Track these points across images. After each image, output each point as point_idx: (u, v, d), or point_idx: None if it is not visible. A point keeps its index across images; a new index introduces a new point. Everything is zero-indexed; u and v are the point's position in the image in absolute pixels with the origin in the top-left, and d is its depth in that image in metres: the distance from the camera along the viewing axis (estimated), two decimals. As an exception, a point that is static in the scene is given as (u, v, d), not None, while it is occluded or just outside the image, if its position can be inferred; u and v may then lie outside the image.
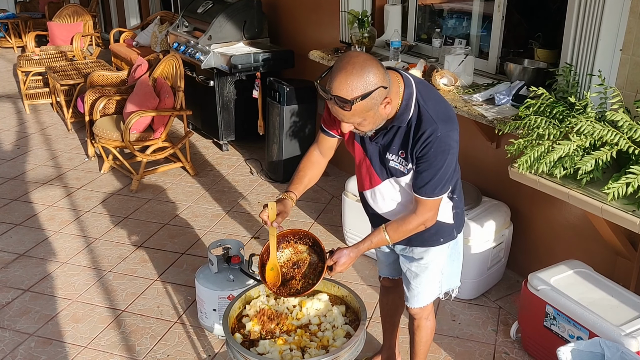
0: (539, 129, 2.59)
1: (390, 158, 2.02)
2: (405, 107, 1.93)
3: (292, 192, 2.14)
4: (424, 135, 1.91)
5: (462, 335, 3.09)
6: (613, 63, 2.73)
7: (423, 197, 2.00)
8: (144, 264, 3.73)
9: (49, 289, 3.48)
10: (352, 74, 1.75)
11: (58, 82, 5.92)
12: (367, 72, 1.76)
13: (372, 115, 1.85)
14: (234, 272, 2.94)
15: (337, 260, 2.02)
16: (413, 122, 1.93)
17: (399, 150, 2.00)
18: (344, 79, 1.76)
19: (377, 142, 2.04)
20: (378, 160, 2.07)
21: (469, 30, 3.93)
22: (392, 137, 2.00)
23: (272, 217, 2.01)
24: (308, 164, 2.23)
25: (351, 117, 1.83)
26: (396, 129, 1.98)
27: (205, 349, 3.00)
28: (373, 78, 1.77)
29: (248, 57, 4.92)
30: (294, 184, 2.18)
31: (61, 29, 7.73)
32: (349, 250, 2.04)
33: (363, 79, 1.76)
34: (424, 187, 1.98)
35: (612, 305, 2.60)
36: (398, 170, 2.02)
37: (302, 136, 4.73)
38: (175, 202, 4.55)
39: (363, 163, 2.14)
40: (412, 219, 2.04)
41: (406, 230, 2.05)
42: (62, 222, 4.24)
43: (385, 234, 2.05)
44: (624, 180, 2.26)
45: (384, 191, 2.13)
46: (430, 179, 1.96)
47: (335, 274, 2.04)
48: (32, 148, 5.62)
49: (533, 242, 3.42)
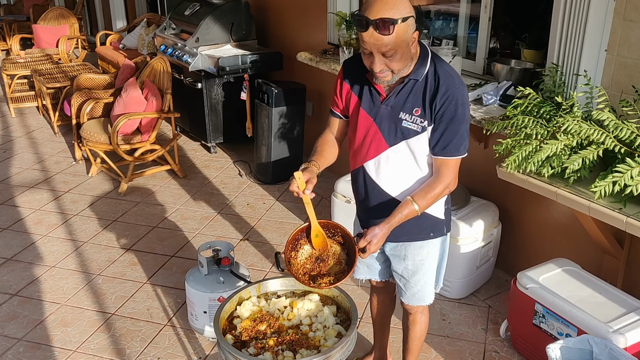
0: (527, 128, 2.61)
1: (404, 117, 2.03)
2: (422, 61, 2.00)
3: (314, 162, 2.12)
4: (442, 88, 1.96)
5: (452, 334, 3.10)
6: (598, 63, 2.76)
7: (448, 156, 2.02)
8: (133, 267, 3.71)
9: (37, 293, 3.45)
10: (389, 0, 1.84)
11: (44, 85, 5.88)
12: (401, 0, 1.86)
13: (404, 48, 1.89)
14: (224, 274, 2.93)
15: (370, 240, 2.01)
16: (430, 77, 1.99)
17: (413, 109, 2.01)
18: (383, 4, 1.83)
19: (388, 103, 2.05)
20: (388, 123, 2.06)
21: (456, 32, 3.95)
22: (407, 95, 2.02)
23: (301, 185, 1.99)
24: (324, 142, 2.24)
25: (389, 43, 1.85)
26: (412, 85, 2.01)
27: (196, 352, 2.99)
28: (407, 5, 1.87)
29: (236, 59, 4.91)
30: (315, 156, 2.16)
31: (46, 31, 7.67)
32: (380, 227, 2.02)
33: (401, 3, 1.84)
34: (449, 145, 2.00)
35: (600, 303, 2.63)
36: (411, 130, 2.03)
37: (291, 138, 4.73)
38: (164, 204, 4.53)
39: (369, 131, 2.11)
40: (437, 183, 2.04)
41: (433, 196, 2.05)
42: (50, 226, 4.21)
43: (413, 203, 2.04)
44: (611, 178, 2.28)
45: (391, 157, 2.10)
46: (454, 136, 1.99)
47: (368, 255, 2.02)
48: (17, 152, 5.57)
49: (521, 241, 3.45)
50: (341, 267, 2.09)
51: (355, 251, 2.02)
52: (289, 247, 2.09)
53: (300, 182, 1.99)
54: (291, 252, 2.10)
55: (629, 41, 2.65)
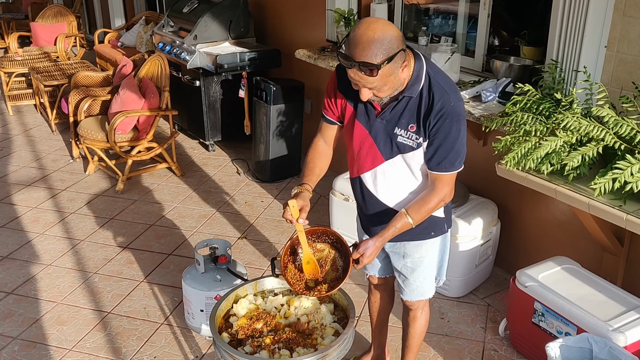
0: (526, 125, 2.59)
1: (399, 133, 2.00)
2: (416, 77, 1.93)
3: (306, 184, 2.12)
4: (437, 106, 1.91)
5: (451, 333, 3.08)
6: (598, 60, 2.74)
7: (442, 172, 1.99)
8: (130, 266, 3.68)
9: (33, 292, 3.42)
10: (374, 38, 1.75)
11: (42, 82, 5.85)
12: (388, 35, 1.77)
13: (392, 80, 1.85)
14: (221, 272, 2.91)
15: (363, 252, 2.00)
16: (425, 93, 1.94)
17: (408, 125, 1.98)
18: (366, 45, 1.75)
19: (384, 118, 2.02)
20: (383, 138, 2.04)
21: (455, 29, 3.93)
22: (402, 111, 1.98)
23: (295, 214, 2.01)
24: (315, 154, 2.22)
25: (374, 82, 1.82)
26: (406, 101, 1.97)
27: (193, 350, 2.97)
28: (394, 41, 1.78)
29: (234, 57, 4.89)
30: (306, 176, 2.16)
31: (44, 29, 7.64)
32: (374, 240, 2.02)
33: (386, 42, 1.76)
34: (443, 162, 1.97)
35: (600, 301, 2.61)
36: (407, 145, 2.00)
37: (289, 136, 4.71)
38: (162, 202, 4.51)
39: (365, 143, 2.09)
40: (432, 196, 2.02)
41: (427, 210, 2.03)
42: (47, 224, 4.18)
43: (407, 217, 2.02)
44: (611, 175, 2.26)
45: (387, 171, 2.09)
46: (448, 153, 1.95)
47: (361, 267, 2.02)
48: (15, 150, 5.54)
49: (520, 239, 3.43)
50: (337, 273, 2.09)
51: (350, 261, 2.03)
52: (287, 253, 2.10)
53: (294, 210, 2.00)
54: (289, 257, 2.11)
55: (629, 37, 2.62)
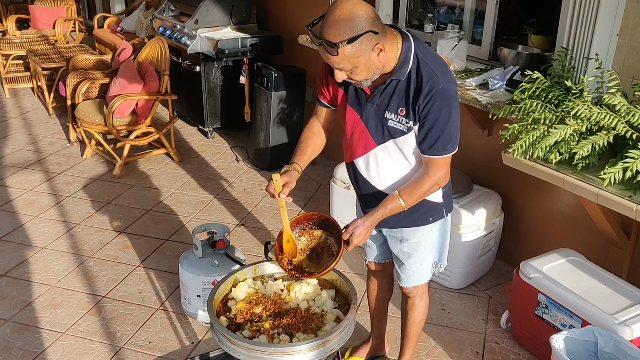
0: (535, 113, 2.53)
1: (389, 117, 1.96)
2: (404, 60, 1.88)
3: (296, 164, 2.10)
4: (425, 88, 1.86)
5: (452, 324, 3.03)
6: (610, 48, 2.68)
7: (434, 156, 1.94)
8: (126, 250, 3.62)
9: (26, 274, 3.36)
10: (340, 17, 1.72)
11: (39, 65, 5.77)
12: (355, 16, 1.72)
13: (363, 63, 1.79)
14: (219, 257, 2.85)
15: (352, 232, 1.96)
16: (413, 75, 1.88)
17: (397, 108, 1.93)
18: (331, 23, 1.73)
19: (374, 102, 1.98)
20: (374, 122, 2.00)
21: (462, 17, 3.86)
22: (391, 94, 1.94)
23: (278, 188, 1.98)
24: (309, 134, 2.20)
25: (340, 62, 1.78)
26: (395, 85, 1.92)
27: (188, 336, 2.91)
28: (361, 22, 1.72)
29: (235, 42, 4.81)
30: (297, 156, 2.14)
31: (43, 12, 7.54)
32: (363, 220, 1.98)
33: (351, 22, 1.71)
34: (434, 145, 1.92)
35: (605, 294, 2.56)
36: (397, 129, 1.96)
37: (290, 123, 4.64)
38: (159, 188, 4.44)
39: (357, 128, 2.06)
40: (425, 180, 1.98)
41: (420, 193, 1.99)
42: (42, 207, 4.11)
43: (399, 199, 1.98)
44: (622, 165, 2.20)
45: (379, 155, 2.06)
46: (439, 136, 1.90)
47: (353, 247, 1.98)
48: (11, 132, 5.46)
49: (524, 231, 3.37)
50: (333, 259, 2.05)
51: (341, 244, 1.99)
52: (280, 238, 2.07)
53: (277, 184, 1.98)
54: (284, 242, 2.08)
55: (642, 25, 2.56)
